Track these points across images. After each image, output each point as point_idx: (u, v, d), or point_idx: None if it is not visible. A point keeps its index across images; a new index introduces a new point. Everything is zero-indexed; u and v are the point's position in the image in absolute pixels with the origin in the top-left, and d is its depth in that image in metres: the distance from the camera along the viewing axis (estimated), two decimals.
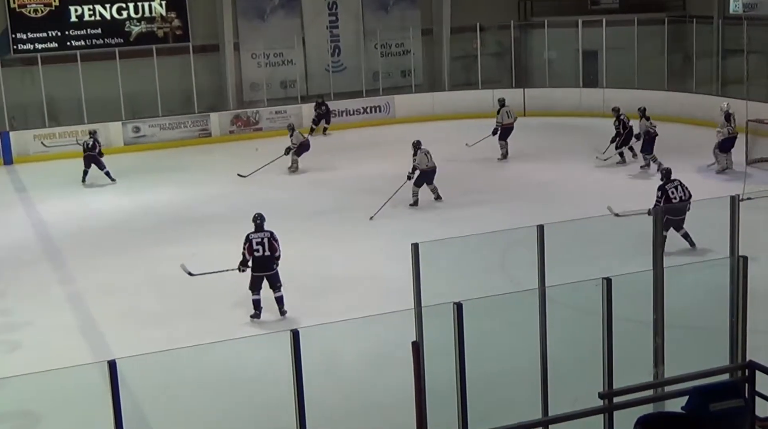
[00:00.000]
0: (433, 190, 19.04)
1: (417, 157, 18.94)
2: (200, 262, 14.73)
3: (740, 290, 7.56)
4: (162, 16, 28.58)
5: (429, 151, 19.09)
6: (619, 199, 17.25)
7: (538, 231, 7.59)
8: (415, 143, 19.18)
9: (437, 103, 29.33)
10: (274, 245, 12.98)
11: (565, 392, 7.64)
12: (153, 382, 9.47)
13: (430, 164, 18.94)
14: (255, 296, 13.04)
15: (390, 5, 31.08)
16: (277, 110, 28.36)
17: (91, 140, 22.31)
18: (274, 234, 13.11)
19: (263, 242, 12.95)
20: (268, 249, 12.94)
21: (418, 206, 18.81)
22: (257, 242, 12.96)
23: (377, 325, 9.99)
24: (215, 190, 21.37)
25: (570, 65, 30.08)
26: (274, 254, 12.99)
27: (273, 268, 13.01)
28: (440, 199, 19.04)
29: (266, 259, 12.96)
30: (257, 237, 13.02)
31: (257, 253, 12.95)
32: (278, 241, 13.10)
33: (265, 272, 13.00)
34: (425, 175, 18.88)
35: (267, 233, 13.06)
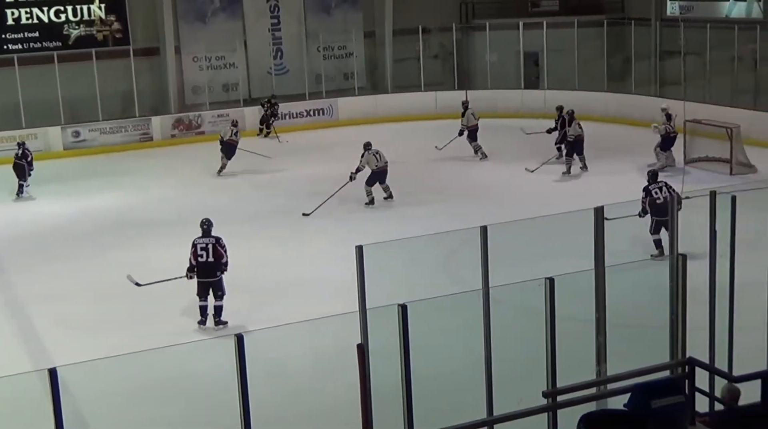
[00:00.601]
0: (384, 189, 19.24)
1: (363, 158, 19.10)
2: (144, 267, 14.58)
3: (680, 288, 7.67)
4: (101, 19, 28.22)
5: (380, 151, 19.25)
6: (560, 198, 17.44)
7: (482, 232, 7.63)
8: (365, 144, 19.35)
9: (380, 106, 29.37)
10: (219, 251, 12.84)
11: (509, 392, 7.68)
12: (95, 390, 9.35)
13: (380, 164, 19.10)
14: (201, 302, 12.91)
15: (332, 7, 31.04)
16: (220, 113, 28.15)
17: (20, 149, 21.17)
18: (220, 240, 12.98)
19: (207, 248, 12.83)
20: (212, 255, 12.80)
21: (374, 205, 18.97)
22: (202, 248, 12.85)
23: (322, 328, 9.98)
24: (158, 195, 21.17)
25: (511, 67, 30.31)
26: (219, 260, 12.85)
27: (216, 274, 12.86)
28: (391, 198, 19.22)
29: (210, 266, 12.83)
30: (202, 242, 12.91)
31: (201, 258, 12.83)
32: (225, 247, 12.96)
33: (208, 279, 12.86)
34: (376, 174, 19.09)
35: (212, 239, 12.94)
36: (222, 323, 12.87)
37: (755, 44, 25.18)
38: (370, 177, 19.11)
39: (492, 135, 24.56)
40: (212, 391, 10.26)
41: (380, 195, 19.18)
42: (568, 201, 16.34)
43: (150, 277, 13.85)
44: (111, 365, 8.43)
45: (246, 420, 6.46)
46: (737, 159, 20.49)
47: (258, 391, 6.59)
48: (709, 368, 7.58)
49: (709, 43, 25.94)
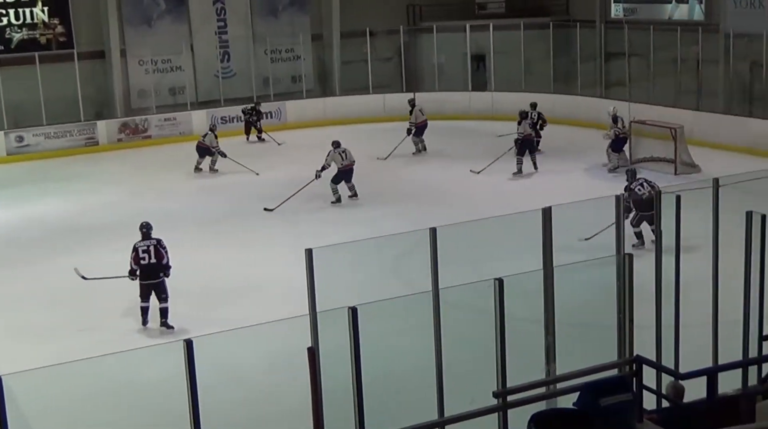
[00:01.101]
0: (350, 187, 19.45)
1: (329, 156, 19.32)
2: (91, 272, 14.40)
3: (626, 287, 7.78)
4: (44, 23, 27.81)
5: (347, 150, 19.50)
6: (509, 199, 17.56)
7: (431, 234, 7.65)
8: (333, 143, 19.65)
9: (329, 108, 29.34)
10: (160, 253, 12.99)
11: (460, 392, 7.71)
12: (43, 398, 9.22)
13: (346, 163, 19.32)
14: (143, 304, 13.03)
15: (279, 10, 30.93)
16: (167, 117, 27.93)
17: None
18: (161, 242, 13.12)
19: (149, 250, 12.97)
20: (154, 257, 12.95)
21: (341, 203, 19.18)
22: (143, 250, 12.99)
23: (273, 331, 9.94)
24: (104, 200, 20.94)
25: (459, 69, 30.46)
26: (160, 262, 12.97)
27: (159, 276, 12.98)
28: (356, 196, 19.43)
29: (152, 267, 12.97)
30: (143, 245, 13.05)
31: (143, 261, 12.96)
32: (166, 249, 13.08)
33: (151, 280, 12.96)
34: (342, 173, 19.31)
35: (153, 241, 13.09)
36: (168, 326, 12.93)
37: (697, 46, 25.57)
38: (336, 175, 19.30)
39: (440, 137, 24.68)
40: (161, 397, 10.17)
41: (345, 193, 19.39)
42: (517, 202, 16.44)
43: (98, 282, 13.74)
44: (58, 373, 8.30)
45: (196, 426, 6.41)
46: (681, 159, 20.80)
47: (208, 397, 6.55)
48: (656, 366, 7.68)
49: (653, 45, 26.30)
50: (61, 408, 10.05)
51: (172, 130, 27.76)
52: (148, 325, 13.12)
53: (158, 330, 12.99)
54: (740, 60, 25.14)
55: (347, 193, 19.47)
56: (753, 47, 24.44)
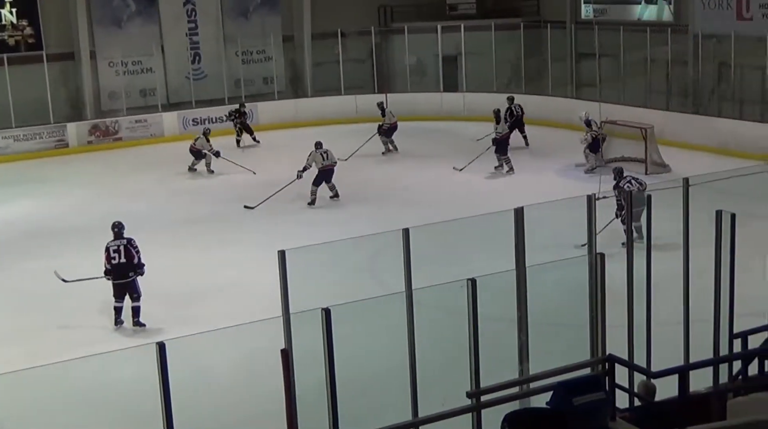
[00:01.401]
0: (331, 188, 19.41)
1: (311, 157, 19.31)
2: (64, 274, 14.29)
3: (598, 287, 7.82)
4: (13, 24, 27.55)
5: (329, 150, 19.49)
6: (483, 199, 17.61)
7: (404, 234, 7.66)
8: (316, 143, 19.65)
9: (300, 110, 29.28)
10: (131, 253, 13.08)
11: (434, 393, 7.73)
12: (12, 402, 9.14)
13: (327, 163, 19.29)
14: (117, 303, 13.13)
15: (250, 12, 30.84)
16: (137, 119, 27.76)
17: None
18: (132, 241, 13.23)
19: (120, 250, 13.07)
20: (124, 256, 13.04)
21: (314, 205, 19.10)
22: (114, 250, 13.09)
23: (246, 333, 9.90)
24: (75, 202, 20.80)
25: (430, 70, 30.50)
26: (131, 262, 13.05)
27: (129, 275, 13.07)
28: (337, 197, 19.39)
29: (123, 267, 13.06)
30: (114, 245, 13.17)
31: (114, 260, 13.06)
32: (137, 248, 13.18)
33: (123, 280, 13.07)
34: (323, 174, 19.26)
35: (124, 241, 13.19)
36: (140, 324, 13.03)
37: (667, 46, 25.75)
38: (317, 176, 19.27)
39: (412, 137, 24.72)
40: (134, 400, 10.12)
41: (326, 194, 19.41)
42: (490, 202, 16.49)
43: (68, 284, 13.66)
44: (28, 376, 8.24)
45: (169, 427, 6.38)
46: (652, 158, 20.94)
47: (181, 399, 6.52)
48: (629, 365, 7.73)
49: (623, 46, 26.45)
50: (32, 412, 9.96)
51: (143, 132, 27.59)
52: (123, 325, 13.13)
53: (131, 330, 12.96)
54: (709, 60, 25.34)
55: (328, 193, 19.43)
56: (721, 48, 24.64)
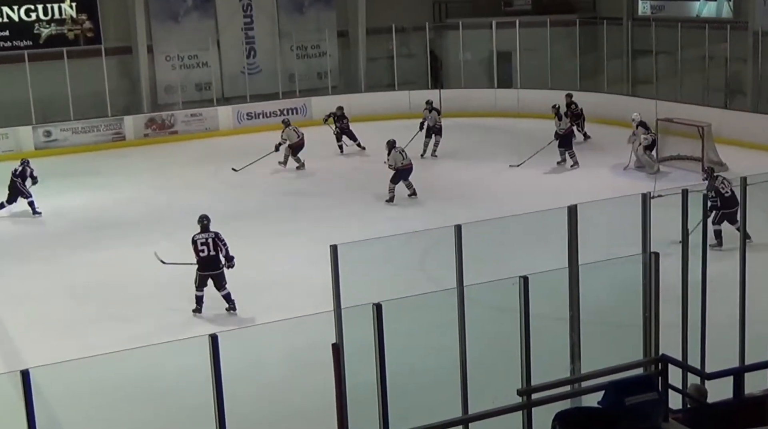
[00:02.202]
0: (408, 185, 19.35)
1: (390, 156, 19.35)
2: (118, 266, 14.52)
3: (652, 286, 7.73)
4: (72, 18, 28.00)
5: (404, 150, 19.57)
6: (536, 196, 17.50)
7: (456, 231, 7.65)
8: (390, 142, 19.62)
9: (354, 105, 29.25)
10: (218, 245, 13.38)
11: (484, 390, 7.71)
12: (68, 392, 9.29)
13: (405, 162, 19.33)
14: (198, 292, 13.39)
15: (305, 6, 30.96)
16: (193, 113, 28.04)
17: (20, 167, 19.65)
18: (219, 234, 13.53)
19: (207, 243, 13.38)
20: (213, 249, 13.35)
21: (394, 202, 19.01)
22: (202, 243, 13.39)
23: (298, 328, 9.96)
24: (131, 195, 21.06)
25: (485, 66, 30.38)
26: (219, 254, 13.38)
27: (219, 267, 13.40)
28: (415, 195, 19.33)
29: (212, 259, 13.37)
30: (202, 238, 13.45)
31: (203, 253, 13.35)
32: (224, 241, 13.47)
33: (211, 271, 13.39)
34: (401, 172, 19.26)
35: (212, 234, 13.49)
36: (234, 308, 13.39)
37: (726, 43, 25.38)
38: (395, 175, 19.28)
39: (465, 134, 24.65)
40: (187, 392, 10.22)
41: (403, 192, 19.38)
42: (543, 199, 16.39)
43: (126, 275, 13.86)
44: (84, 366, 8.37)
45: (221, 420, 6.44)
46: (708, 157, 20.63)
47: (233, 392, 6.57)
48: (682, 365, 7.64)
49: (681, 43, 26.12)
50: (86, 402, 10.11)
51: (199, 125, 27.86)
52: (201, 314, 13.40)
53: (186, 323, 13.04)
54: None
55: (406, 191, 19.35)
56: None
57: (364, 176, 20.86)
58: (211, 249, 13.35)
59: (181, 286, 13.64)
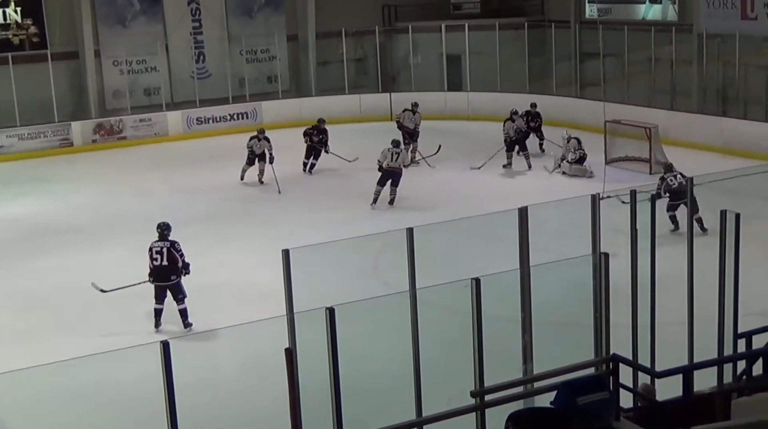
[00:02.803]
0: (392, 192, 18.94)
1: (382, 153, 19.04)
2: (66, 274, 14.33)
3: (603, 286, 7.81)
4: (17, 23, 27.57)
5: (401, 152, 19.41)
6: (486, 199, 17.60)
7: (408, 234, 7.66)
8: (393, 141, 19.53)
9: (304, 109, 29.22)
10: (173, 255, 12.89)
11: (438, 392, 7.73)
12: (17, 401, 9.16)
13: (393, 165, 18.98)
14: (156, 306, 12.99)
15: (254, 11, 30.85)
16: (141, 118, 27.79)
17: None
18: (176, 244, 13.05)
19: (162, 252, 12.91)
20: (167, 259, 12.87)
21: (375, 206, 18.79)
22: (156, 251, 12.94)
23: (250, 333, 9.91)
24: (80, 201, 20.82)
25: (434, 69, 30.49)
26: (174, 264, 12.89)
27: (171, 278, 12.92)
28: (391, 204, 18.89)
29: (165, 269, 12.90)
30: (157, 246, 13.00)
31: (155, 261, 12.91)
32: (180, 251, 13.01)
33: (164, 282, 12.94)
34: (386, 174, 18.91)
35: (167, 243, 13.01)
36: (189, 325, 12.87)
37: (671, 46, 25.73)
38: (381, 176, 18.91)
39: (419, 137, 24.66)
40: (139, 399, 10.12)
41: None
42: (493, 202, 16.50)
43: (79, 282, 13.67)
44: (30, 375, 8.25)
45: (173, 427, 6.38)
46: (656, 158, 20.90)
47: (185, 398, 6.52)
48: (633, 364, 7.72)
49: (627, 45, 26.44)
50: (34, 411, 9.98)
51: (148, 130, 27.62)
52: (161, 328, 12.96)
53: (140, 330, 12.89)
54: (713, 60, 25.32)
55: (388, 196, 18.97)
56: (726, 47, 24.61)
57: (316, 181, 20.80)
58: (164, 259, 12.87)
59: (133, 293, 13.50)
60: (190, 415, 6.71)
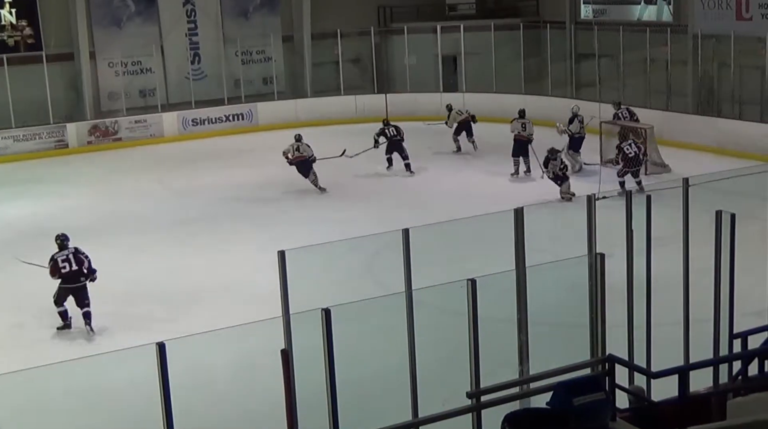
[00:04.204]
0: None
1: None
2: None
3: (598, 287, 7.81)
4: (12, 24, 27.53)
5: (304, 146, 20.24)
6: (483, 199, 17.59)
7: (404, 235, 7.66)
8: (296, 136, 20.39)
9: (300, 110, 29.28)
10: (80, 259, 13.30)
11: (434, 393, 7.72)
12: (11, 404, 9.14)
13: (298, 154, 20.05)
14: (60, 309, 13.20)
15: (250, 12, 30.84)
16: (137, 119, 27.77)
17: None
18: (78, 249, 13.44)
19: (69, 259, 13.26)
20: (75, 264, 13.22)
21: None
22: (63, 260, 13.25)
23: (247, 334, 9.91)
24: (73, 202, 20.78)
25: (430, 70, 30.50)
26: (81, 267, 13.25)
27: (81, 280, 13.23)
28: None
29: (74, 274, 13.22)
30: (62, 255, 13.31)
31: (65, 270, 13.19)
32: (85, 254, 13.38)
33: (73, 284, 13.21)
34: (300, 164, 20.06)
35: (72, 249, 13.40)
36: (92, 330, 13.03)
37: (666, 46, 25.75)
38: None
39: (412, 138, 24.65)
40: (135, 401, 10.10)
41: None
42: (489, 202, 16.49)
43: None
44: (25, 377, 8.23)
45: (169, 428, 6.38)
46: (651, 159, 20.92)
47: (181, 400, 6.51)
48: (629, 365, 7.72)
49: (622, 46, 26.46)
50: (29, 414, 9.95)
51: (143, 132, 27.60)
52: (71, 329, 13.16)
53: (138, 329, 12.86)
54: (708, 60, 25.35)
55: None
56: (721, 48, 24.65)
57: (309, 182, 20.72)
58: (73, 264, 13.21)
59: (130, 295, 13.50)
60: (186, 416, 6.70)
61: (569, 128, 21.29)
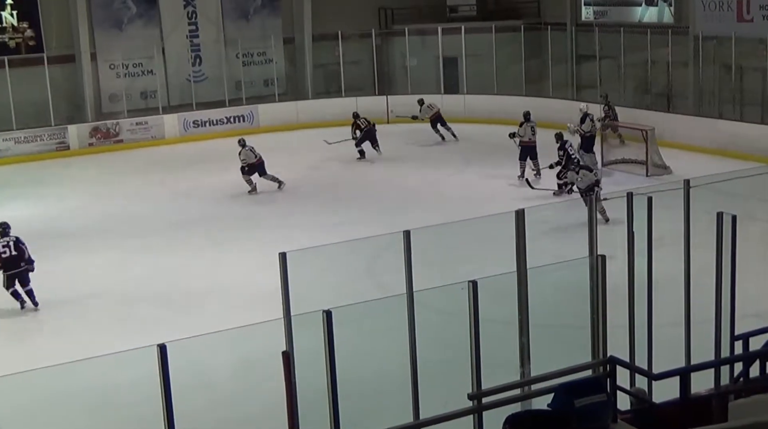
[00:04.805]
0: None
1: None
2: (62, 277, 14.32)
3: (600, 288, 7.80)
4: (13, 26, 27.45)
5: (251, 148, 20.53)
6: (484, 201, 17.61)
7: (405, 236, 7.66)
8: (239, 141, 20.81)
9: (301, 112, 29.29)
10: (20, 247, 14.33)
11: (435, 395, 7.72)
12: (10, 406, 9.13)
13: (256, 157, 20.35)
14: (12, 289, 14.19)
15: (251, 14, 30.86)
16: (138, 121, 27.77)
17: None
18: (19, 238, 14.51)
19: (9, 245, 14.31)
20: (14, 250, 14.26)
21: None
22: (3, 245, 14.30)
23: (248, 336, 9.91)
24: (75, 204, 20.80)
25: (431, 72, 30.50)
26: (22, 254, 14.25)
27: (21, 265, 14.21)
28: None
29: (14, 259, 14.23)
30: (3, 241, 14.35)
31: (5, 255, 14.21)
32: (24, 244, 14.38)
33: (15, 270, 14.21)
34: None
35: (12, 237, 14.45)
36: (36, 303, 14.09)
37: (667, 48, 25.75)
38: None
39: (412, 139, 24.73)
40: (136, 402, 10.11)
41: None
42: (490, 204, 16.50)
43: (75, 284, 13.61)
44: (26, 379, 8.24)
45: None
46: (652, 160, 20.91)
47: (182, 401, 6.52)
48: (630, 366, 7.72)
49: (623, 47, 26.46)
50: (31, 415, 9.95)
51: (144, 134, 27.60)
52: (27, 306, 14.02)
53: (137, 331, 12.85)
54: (710, 62, 25.33)
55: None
56: (722, 49, 24.63)
57: (310, 184, 20.77)
58: (13, 250, 14.23)
59: (128, 297, 13.51)
60: (187, 418, 6.70)
61: (581, 128, 21.24)
